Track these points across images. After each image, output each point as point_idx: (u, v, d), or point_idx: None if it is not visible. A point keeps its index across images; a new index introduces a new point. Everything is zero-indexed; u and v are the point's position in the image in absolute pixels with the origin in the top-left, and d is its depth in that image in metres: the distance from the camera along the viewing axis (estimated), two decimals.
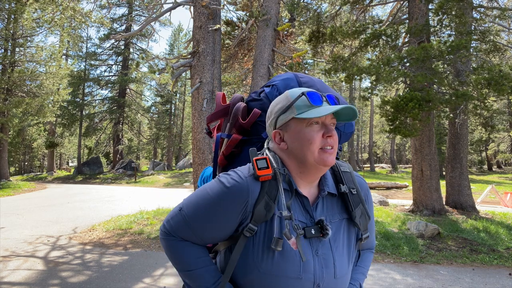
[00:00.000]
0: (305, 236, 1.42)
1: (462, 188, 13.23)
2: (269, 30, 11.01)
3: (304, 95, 1.46)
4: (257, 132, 1.74)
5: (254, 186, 1.42)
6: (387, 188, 23.11)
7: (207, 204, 1.44)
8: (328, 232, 1.41)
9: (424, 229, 9.18)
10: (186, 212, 1.47)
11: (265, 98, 1.77)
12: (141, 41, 43.37)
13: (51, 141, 40.15)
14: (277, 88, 1.76)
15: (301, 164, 1.47)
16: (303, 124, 1.45)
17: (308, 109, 1.43)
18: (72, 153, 62.46)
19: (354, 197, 1.57)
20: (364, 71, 10.96)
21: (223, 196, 1.42)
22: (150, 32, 39.27)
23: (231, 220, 1.42)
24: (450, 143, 13.85)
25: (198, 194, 1.49)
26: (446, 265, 7.27)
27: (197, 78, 9.94)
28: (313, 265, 1.41)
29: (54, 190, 23.93)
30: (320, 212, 1.49)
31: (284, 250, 1.39)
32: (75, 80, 38.64)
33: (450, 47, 9.94)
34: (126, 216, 12.35)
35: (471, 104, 11.81)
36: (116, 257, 7.76)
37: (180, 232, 1.48)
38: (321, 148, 1.43)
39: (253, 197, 1.41)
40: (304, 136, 1.43)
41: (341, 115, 1.48)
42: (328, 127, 1.44)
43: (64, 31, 28.32)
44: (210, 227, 1.44)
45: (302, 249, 1.36)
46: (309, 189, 1.52)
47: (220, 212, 1.42)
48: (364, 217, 1.58)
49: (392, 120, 11.06)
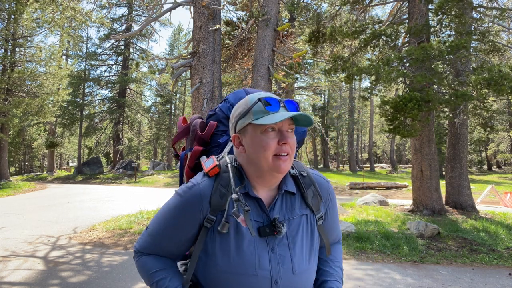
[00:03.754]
0: (260, 234, 1.47)
1: (462, 188, 13.23)
2: (269, 30, 11.01)
3: (261, 101, 1.48)
4: (216, 142, 1.85)
5: (206, 185, 1.51)
6: (387, 188, 23.14)
7: (166, 215, 1.54)
8: (281, 230, 1.46)
9: (424, 229, 9.19)
10: (150, 228, 1.58)
11: (219, 111, 1.92)
12: (141, 41, 43.45)
13: (51, 141, 40.16)
14: (228, 100, 1.91)
15: (257, 170, 1.50)
16: (258, 130, 1.46)
17: (264, 115, 1.45)
18: (72, 153, 62.49)
19: (305, 179, 1.64)
20: (364, 71, 10.97)
21: (179, 204, 1.51)
22: (150, 32, 39.30)
23: (190, 224, 1.50)
24: (450, 143, 13.85)
25: (160, 210, 1.59)
26: (446, 265, 7.27)
27: (197, 78, 9.94)
28: (269, 262, 1.45)
29: (54, 190, 23.94)
30: (278, 211, 1.53)
31: (239, 247, 1.45)
32: (75, 80, 38.68)
33: (450, 47, 9.94)
34: (126, 216, 12.36)
35: (471, 104, 11.82)
36: (116, 257, 7.76)
37: (146, 248, 1.59)
38: (276, 155, 1.45)
39: (206, 195, 1.49)
40: (259, 142, 1.46)
41: (300, 120, 1.49)
42: (284, 133, 1.46)
43: (64, 31, 28.27)
44: (172, 236, 1.53)
45: (251, 226, 1.43)
46: (267, 191, 1.57)
47: (178, 220, 1.51)
48: (316, 198, 1.62)
49: (392, 120, 11.07)
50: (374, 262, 7.46)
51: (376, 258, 7.69)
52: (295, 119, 1.49)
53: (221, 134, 1.86)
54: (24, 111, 27.44)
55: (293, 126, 1.49)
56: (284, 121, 1.46)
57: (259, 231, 1.47)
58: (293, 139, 1.49)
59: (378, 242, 8.55)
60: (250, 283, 1.42)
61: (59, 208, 14.64)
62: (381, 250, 8.13)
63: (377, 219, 11.35)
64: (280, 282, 1.45)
